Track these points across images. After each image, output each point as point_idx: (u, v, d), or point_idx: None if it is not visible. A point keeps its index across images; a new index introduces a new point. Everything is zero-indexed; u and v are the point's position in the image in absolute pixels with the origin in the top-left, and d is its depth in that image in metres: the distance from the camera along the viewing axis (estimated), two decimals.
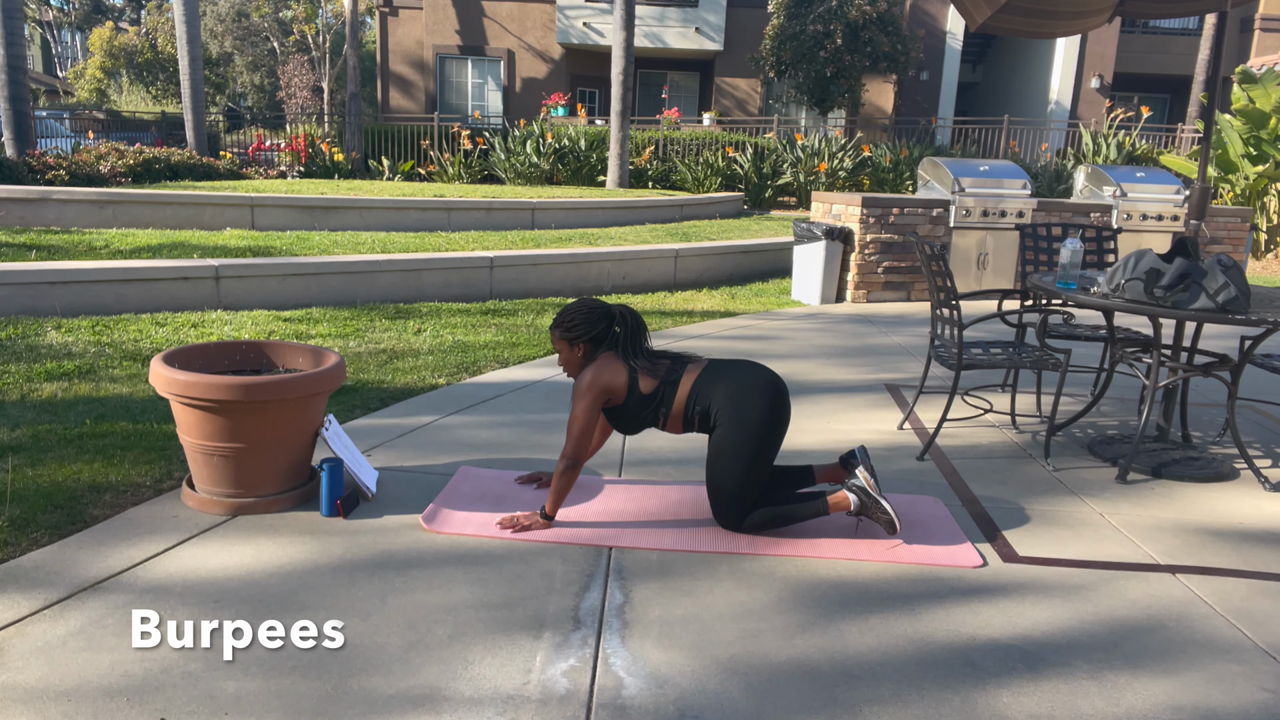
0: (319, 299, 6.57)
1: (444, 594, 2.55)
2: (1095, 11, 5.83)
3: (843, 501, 3.01)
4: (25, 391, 4.17)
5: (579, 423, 2.93)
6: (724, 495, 2.98)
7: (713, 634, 2.40)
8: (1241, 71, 12.56)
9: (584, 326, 3.03)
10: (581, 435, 2.93)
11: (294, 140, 16.09)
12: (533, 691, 2.12)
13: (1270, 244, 12.89)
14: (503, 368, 5.16)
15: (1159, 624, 2.56)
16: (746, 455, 2.91)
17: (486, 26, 21.58)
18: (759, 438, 2.91)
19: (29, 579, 2.52)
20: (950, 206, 8.50)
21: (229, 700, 2.04)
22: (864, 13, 17.61)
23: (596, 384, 2.94)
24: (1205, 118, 9.72)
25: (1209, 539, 3.19)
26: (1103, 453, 4.07)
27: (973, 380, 5.50)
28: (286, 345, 3.38)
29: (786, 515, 3.03)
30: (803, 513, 3.02)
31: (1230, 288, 3.43)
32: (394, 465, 3.55)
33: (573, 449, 2.94)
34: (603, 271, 8.08)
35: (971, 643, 2.41)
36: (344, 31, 22.97)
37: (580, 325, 3.03)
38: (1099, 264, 5.31)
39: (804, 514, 3.02)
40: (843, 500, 3.01)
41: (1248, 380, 5.63)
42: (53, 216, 8.20)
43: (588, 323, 3.03)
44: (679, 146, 16.74)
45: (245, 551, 2.75)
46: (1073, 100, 21.37)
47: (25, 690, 2.03)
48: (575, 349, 3.05)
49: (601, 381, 2.94)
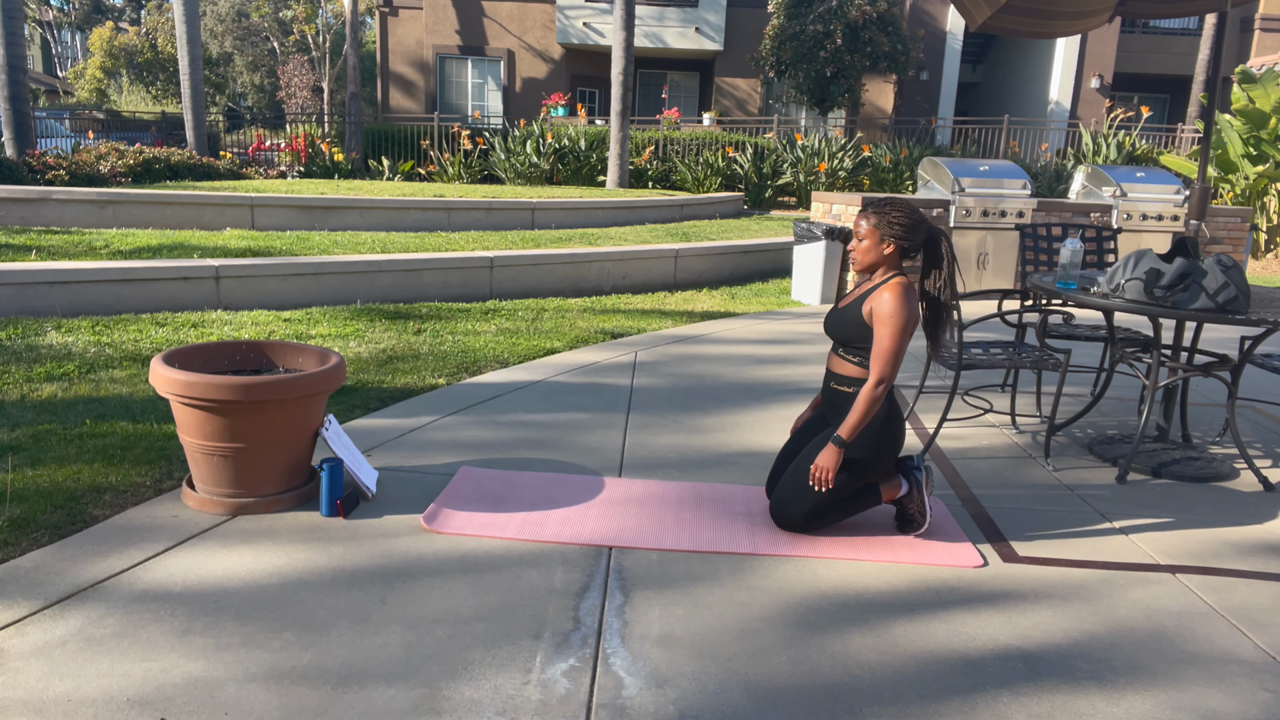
0: (319, 299, 6.57)
1: (444, 594, 2.55)
2: (1095, 11, 5.83)
3: (893, 489, 3.04)
4: (25, 391, 4.17)
5: (899, 353, 2.79)
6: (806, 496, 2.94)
7: (713, 634, 2.40)
8: (1241, 71, 12.56)
9: (907, 232, 2.84)
10: (899, 361, 2.80)
11: (294, 140, 16.09)
12: (533, 691, 2.12)
13: (1270, 244, 12.88)
14: (503, 368, 5.16)
15: (1159, 624, 2.56)
16: (855, 474, 2.93)
17: (486, 26, 21.58)
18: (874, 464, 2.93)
19: (29, 579, 2.52)
20: (950, 206, 8.50)
21: (229, 700, 2.03)
22: (864, 13, 17.61)
23: (912, 317, 2.78)
24: (1205, 118, 9.72)
25: (1209, 539, 3.19)
26: (1103, 453, 4.07)
27: (973, 380, 5.50)
28: (286, 345, 3.38)
29: (844, 512, 3.03)
30: (859, 507, 3.03)
31: (1230, 288, 3.43)
32: (394, 465, 3.55)
33: (888, 372, 2.80)
34: (603, 271, 8.08)
35: (972, 643, 2.41)
36: (344, 31, 22.99)
37: (904, 229, 2.83)
38: (1099, 264, 5.31)
39: (860, 507, 3.04)
40: (895, 487, 3.04)
41: (1248, 380, 5.63)
42: (53, 216, 8.20)
43: (911, 230, 2.84)
44: (679, 146, 16.74)
45: (245, 551, 2.75)
46: (1073, 100, 21.36)
47: (25, 691, 2.03)
48: (884, 245, 2.87)
49: (915, 314, 2.80)
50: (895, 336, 2.79)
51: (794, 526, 3.01)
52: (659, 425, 4.23)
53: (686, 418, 4.37)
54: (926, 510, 3.04)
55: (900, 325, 2.79)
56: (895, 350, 2.79)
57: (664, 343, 6.04)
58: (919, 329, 2.95)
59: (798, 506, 2.97)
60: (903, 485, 3.07)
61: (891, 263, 2.91)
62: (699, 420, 4.33)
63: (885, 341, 2.80)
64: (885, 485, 3.06)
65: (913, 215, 2.86)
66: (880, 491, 3.06)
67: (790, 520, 3.00)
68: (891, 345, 2.79)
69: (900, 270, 2.93)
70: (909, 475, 3.07)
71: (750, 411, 4.52)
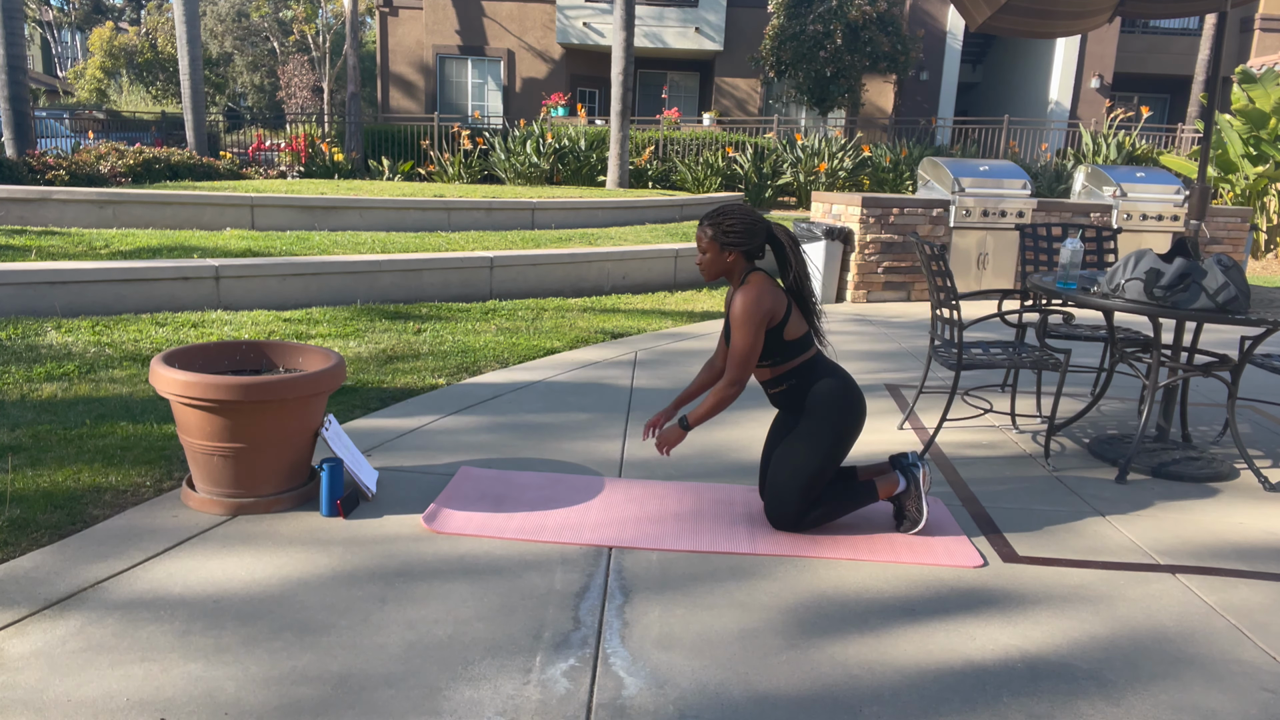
0: (319, 299, 6.57)
1: (444, 594, 2.55)
2: (1095, 11, 5.83)
3: (890, 486, 3.05)
4: (25, 391, 4.17)
5: (752, 351, 2.83)
6: (790, 490, 2.96)
7: (713, 634, 2.40)
8: (1241, 71, 12.56)
9: (744, 235, 2.88)
10: (752, 361, 2.84)
11: (294, 140, 16.09)
12: (533, 692, 2.12)
13: (1270, 244, 12.88)
14: (503, 368, 5.16)
15: (1159, 624, 2.56)
16: (823, 453, 2.92)
17: (486, 26, 21.58)
18: (845, 436, 2.93)
19: (29, 579, 2.52)
20: (950, 206, 8.50)
21: (229, 700, 2.03)
22: (864, 13, 17.61)
23: (761, 308, 2.82)
24: (1205, 118, 9.72)
25: (1209, 539, 3.19)
26: (1103, 453, 4.07)
27: (973, 380, 5.50)
28: (286, 345, 3.38)
29: (840, 508, 3.03)
30: (855, 503, 3.04)
31: (1230, 288, 3.43)
32: (394, 465, 3.55)
33: (741, 373, 2.85)
34: (603, 271, 8.08)
35: (971, 642, 2.41)
36: (344, 31, 22.98)
37: (740, 233, 2.88)
38: (1099, 264, 5.31)
39: (857, 504, 3.04)
40: (892, 484, 3.05)
41: (1248, 380, 5.63)
42: (53, 216, 8.20)
43: (748, 232, 2.88)
44: (679, 146, 16.74)
45: (245, 552, 2.75)
46: (1073, 100, 21.37)
47: (25, 691, 2.03)
48: (725, 254, 2.91)
49: (766, 306, 2.83)
50: (746, 339, 2.84)
51: (789, 525, 3.02)
52: None
53: None
54: (924, 508, 3.05)
55: (749, 330, 2.83)
56: (746, 352, 2.84)
57: (664, 342, 6.04)
58: None
59: (786, 505, 2.99)
60: (900, 482, 3.07)
61: (738, 268, 2.95)
62: None
63: (737, 344, 2.86)
64: (882, 482, 3.07)
65: (747, 220, 2.90)
66: (877, 488, 3.06)
67: (784, 519, 3.01)
68: (742, 347, 2.84)
69: (752, 268, 2.95)
70: (907, 472, 3.08)
71: (750, 411, 4.52)
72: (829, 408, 2.93)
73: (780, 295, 2.90)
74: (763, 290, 2.86)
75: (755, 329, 2.83)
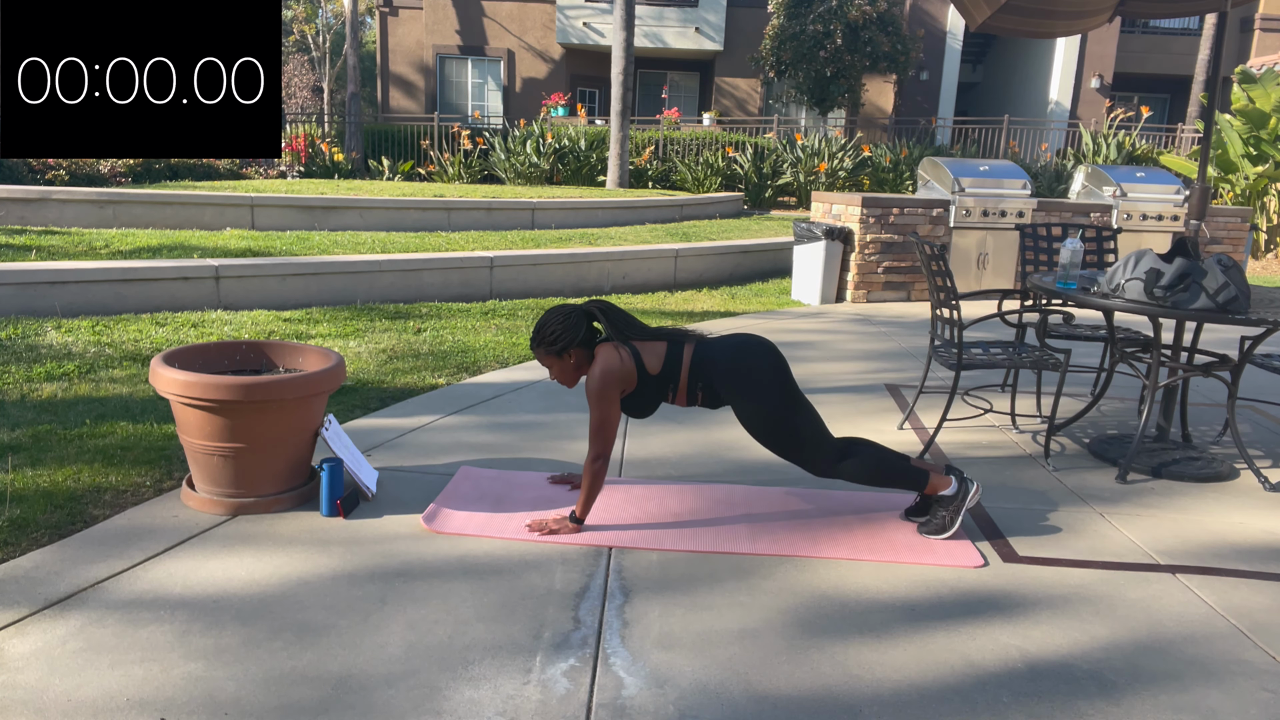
0: (319, 299, 6.57)
1: (444, 594, 2.55)
2: (1095, 11, 5.83)
3: (943, 484, 3.03)
4: (25, 391, 4.17)
5: (605, 423, 2.88)
6: (793, 450, 2.96)
7: (713, 634, 2.40)
8: (1241, 71, 12.56)
9: (566, 334, 2.93)
10: (608, 433, 2.89)
11: (294, 140, 16.08)
12: (533, 692, 2.11)
13: (1270, 244, 12.89)
14: (503, 368, 5.16)
15: (1159, 624, 2.56)
16: (774, 406, 2.91)
17: (486, 26, 21.58)
18: (776, 385, 2.92)
19: (28, 579, 2.52)
20: (950, 206, 8.50)
21: (229, 700, 2.03)
22: (864, 13, 17.61)
23: (608, 379, 2.88)
24: (1205, 118, 9.72)
25: (1209, 539, 3.19)
26: (1103, 453, 4.07)
27: (973, 380, 5.50)
28: (286, 345, 3.38)
29: (886, 473, 3.00)
30: (904, 478, 3.01)
31: (1230, 288, 3.43)
32: (394, 465, 3.55)
33: (602, 447, 2.90)
34: (603, 271, 8.08)
35: (972, 642, 2.41)
36: (344, 31, 22.99)
37: (562, 334, 2.93)
38: (1099, 264, 5.31)
39: (905, 479, 3.01)
40: (943, 483, 3.03)
41: (1248, 380, 5.63)
42: (53, 216, 8.20)
43: (568, 329, 2.94)
44: (679, 146, 16.74)
45: (245, 552, 2.75)
46: (1073, 100, 21.37)
47: (25, 691, 2.03)
48: (566, 358, 2.97)
49: (613, 375, 2.88)
50: (598, 412, 2.89)
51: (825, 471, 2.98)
52: (659, 425, 4.23)
53: (686, 417, 4.37)
54: (957, 521, 3.01)
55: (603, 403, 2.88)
56: (599, 424, 2.89)
57: None
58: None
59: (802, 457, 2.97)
60: (952, 485, 3.05)
61: (582, 360, 2.99)
62: (699, 420, 4.33)
63: (593, 419, 2.91)
64: (936, 476, 3.04)
65: (560, 320, 2.96)
66: (929, 478, 3.03)
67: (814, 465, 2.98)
68: (596, 420, 2.89)
69: (590, 356, 2.98)
70: (963, 481, 3.05)
71: None
72: (741, 379, 2.92)
73: (624, 355, 2.92)
74: (608, 362, 2.89)
75: (609, 401, 2.89)
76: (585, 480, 2.94)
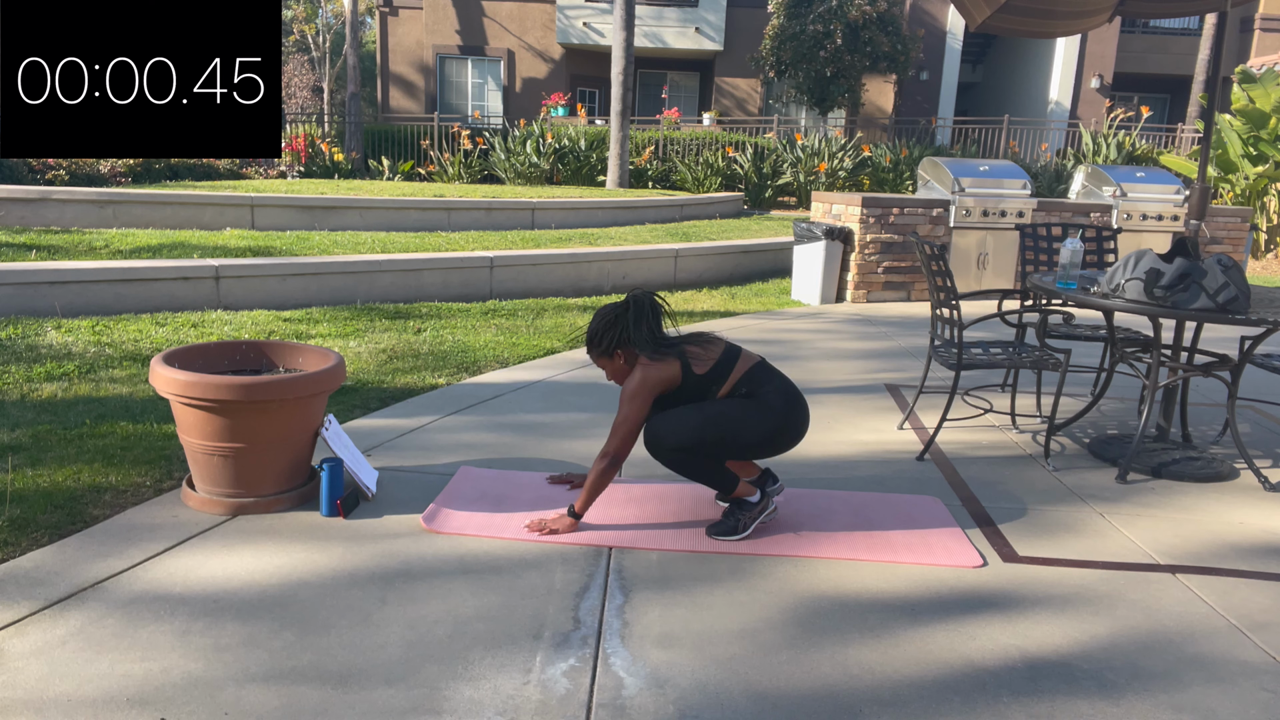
0: (319, 299, 6.57)
1: (444, 594, 2.55)
2: (1095, 11, 5.84)
3: (748, 491, 3.03)
4: (25, 391, 4.17)
5: (631, 423, 2.89)
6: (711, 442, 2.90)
7: (713, 634, 2.40)
8: (1241, 71, 12.56)
9: (609, 332, 2.98)
10: (631, 434, 2.90)
11: (294, 140, 16.08)
12: (533, 692, 2.11)
13: (1270, 244, 12.89)
14: (503, 368, 5.16)
15: (1159, 624, 2.56)
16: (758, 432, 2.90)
17: (486, 26, 21.58)
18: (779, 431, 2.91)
19: (28, 579, 2.52)
20: (950, 206, 8.50)
21: (229, 700, 2.03)
22: (864, 13, 17.62)
23: (648, 383, 2.89)
24: (1205, 118, 9.73)
25: (1209, 539, 3.19)
26: (1103, 453, 4.07)
27: (973, 380, 5.50)
28: (286, 345, 3.38)
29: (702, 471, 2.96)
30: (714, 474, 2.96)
31: (1230, 288, 3.43)
32: (394, 465, 3.55)
33: (619, 447, 2.90)
34: (603, 271, 8.08)
35: (972, 642, 2.41)
36: (344, 31, 23.00)
37: (607, 335, 2.99)
38: (1099, 264, 5.31)
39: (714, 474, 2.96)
40: (749, 491, 3.03)
41: (1248, 380, 5.63)
42: (53, 216, 8.20)
43: (612, 326, 2.99)
44: (679, 146, 16.74)
45: (245, 552, 2.75)
46: (1073, 100, 21.37)
47: (25, 691, 2.03)
48: (616, 358, 3.01)
49: (652, 379, 2.90)
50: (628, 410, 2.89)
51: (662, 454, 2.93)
52: None
53: None
54: (749, 529, 3.00)
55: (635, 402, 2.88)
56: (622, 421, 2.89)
57: None
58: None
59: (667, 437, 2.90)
60: (755, 494, 3.04)
61: (631, 359, 3.02)
62: None
63: (620, 415, 2.91)
64: (745, 482, 3.05)
65: (603, 321, 3.00)
66: (739, 483, 3.02)
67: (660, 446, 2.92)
68: (623, 417, 2.90)
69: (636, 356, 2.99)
70: (766, 492, 3.06)
71: None
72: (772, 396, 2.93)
73: (671, 359, 2.93)
74: (652, 368, 2.91)
75: (639, 402, 2.89)
76: (590, 476, 2.94)
